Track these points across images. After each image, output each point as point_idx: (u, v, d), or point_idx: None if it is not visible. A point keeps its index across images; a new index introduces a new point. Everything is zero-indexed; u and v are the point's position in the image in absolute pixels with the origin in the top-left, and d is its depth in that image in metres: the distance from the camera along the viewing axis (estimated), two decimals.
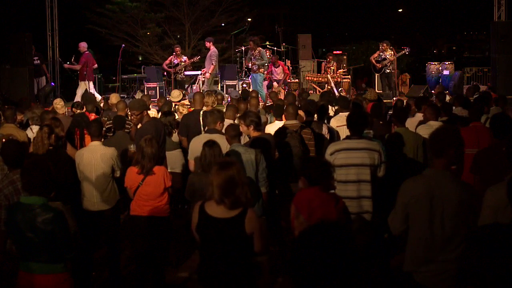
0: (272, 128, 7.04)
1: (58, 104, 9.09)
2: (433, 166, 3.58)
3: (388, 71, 14.74)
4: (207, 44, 14.30)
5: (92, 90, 13.54)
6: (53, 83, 14.79)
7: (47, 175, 3.75)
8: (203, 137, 5.89)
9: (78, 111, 9.06)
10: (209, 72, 13.96)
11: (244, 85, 14.90)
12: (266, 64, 13.81)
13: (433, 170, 3.57)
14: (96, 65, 13.85)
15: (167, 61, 14.97)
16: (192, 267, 5.91)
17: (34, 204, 3.69)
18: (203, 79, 14.22)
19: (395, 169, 5.37)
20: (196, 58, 15.27)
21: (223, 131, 5.92)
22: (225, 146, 5.74)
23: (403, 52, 15.01)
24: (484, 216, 3.55)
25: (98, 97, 13.10)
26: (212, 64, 13.94)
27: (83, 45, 13.72)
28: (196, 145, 6.01)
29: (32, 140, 5.98)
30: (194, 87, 15.59)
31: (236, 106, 7.99)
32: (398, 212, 3.68)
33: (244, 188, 3.55)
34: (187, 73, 15.23)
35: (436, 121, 6.57)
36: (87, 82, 13.50)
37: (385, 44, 14.83)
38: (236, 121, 7.26)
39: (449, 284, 3.50)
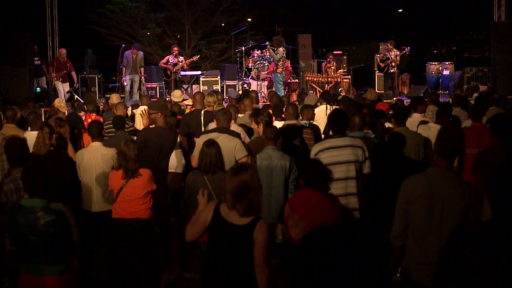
0: None
1: (61, 103, 9.10)
2: (437, 166, 3.57)
3: (392, 70, 14.77)
4: (134, 51, 14.49)
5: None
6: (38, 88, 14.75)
7: (48, 177, 3.74)
8: (214, 136, 5.88)
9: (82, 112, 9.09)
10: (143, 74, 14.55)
11: (245, 85, 14.90)
12: (281, 60, 13.73)
13: (435, 169, 3.57)
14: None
15: (164, 60, 14.97)
16: (194, 267, 5.92)
17: (36, 206, 3.68)
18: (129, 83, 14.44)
19: (396, 168, 5.37)
20: (196, 58, 15.27)
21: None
22: (233, 145, 5.80)
23: (404, 52, 15.03)
24: (486, 214, 3.55)
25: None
26: (143, 67, 14.56)
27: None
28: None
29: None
30: (195, 88, 15.61)
31: (236, 106, 7.99)
32: (398, 210, 3.68)
33: (257, 193, 3.50)
34: (184, 73, 15.23)
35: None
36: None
37: (389, 44, 14.86)
38: (236, 122, 7.26)
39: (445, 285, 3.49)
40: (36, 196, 3.71)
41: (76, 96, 13.69)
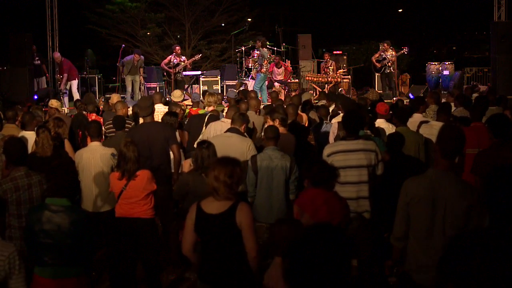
0: None
1: (56, 103, 9.12)
2: (438, 166, 3.55)
3: (388, 71, 14.73)
4: (137, 57, 14.50)
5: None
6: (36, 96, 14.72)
7: (72, 177, 3.77)
8: (227, 135, 5.97)
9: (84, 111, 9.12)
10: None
11: (242, 86, 14.91)
12: (265, 60, 13.78)
13: (436, 170, 3.53)
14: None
15: (166, 61, 14.96)
16: (193, 267, 5.91)
17: (62, 205, 3.69)
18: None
19: (396, 168, 5.37)
20: (197, 57, 15.27)
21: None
22: (246, 146, 5.82)
23: (402, 52, 15.03)
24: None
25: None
26: (142, 67, 14.71)
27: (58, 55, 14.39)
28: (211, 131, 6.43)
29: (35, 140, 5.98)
30: (195, 87, 15.60)
31: (237, 106, 8.00)
32: (399, 212, 3.65)
33: (234, 184, 3.65)
34: (186, 73, 15.22)
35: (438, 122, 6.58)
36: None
37: (385, 44, 14.84)
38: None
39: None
40: (59, 196, 3.72)
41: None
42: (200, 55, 15.68)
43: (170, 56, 14.91)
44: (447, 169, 3.49)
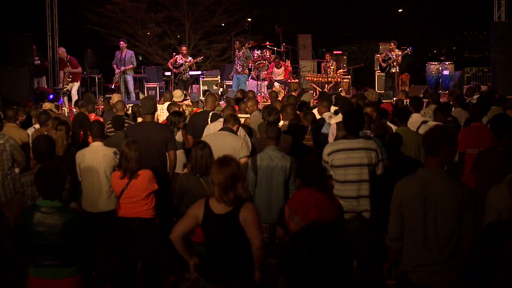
0: None
1: (49, 105, 9.15)
2: (427, 165, 3.56)
3: (393, 71, 14.75)
4: (122, 44, 14.17)
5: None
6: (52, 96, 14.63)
7: (60, 179, 3.74)
8: (221, 134, 6.08)
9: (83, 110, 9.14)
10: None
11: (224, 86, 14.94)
12: (249, 60, 13.93)
13: (426, 169, 3.54)
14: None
15: (172, 60, 14.92)
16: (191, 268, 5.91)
17: (53, 206, 3.68)
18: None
19: (396, 169, 5.37)
20: (199, 58, 15.28)
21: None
22: (239, 144, 5.86)
23: (406, 52, 15.02)
24: (489, 218, 3.53)
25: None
26: (132, 64, 14.25)
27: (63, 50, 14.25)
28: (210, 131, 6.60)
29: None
30: (195, 87, 15.60)
31: (234, 106, 8.00)
32: (393, 213, 3.65)
33: (245, 183, 3.60)
34: (192, 72, 15.22)
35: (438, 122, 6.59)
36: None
37: (392, 44, 14.85)
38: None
39: (444, 284, 3.48)
40: (49, 198, 3.70)
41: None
42: (202, 57, 15.70)
43: (176, 56, 14.87)
44: (437, 167, 3.49)
